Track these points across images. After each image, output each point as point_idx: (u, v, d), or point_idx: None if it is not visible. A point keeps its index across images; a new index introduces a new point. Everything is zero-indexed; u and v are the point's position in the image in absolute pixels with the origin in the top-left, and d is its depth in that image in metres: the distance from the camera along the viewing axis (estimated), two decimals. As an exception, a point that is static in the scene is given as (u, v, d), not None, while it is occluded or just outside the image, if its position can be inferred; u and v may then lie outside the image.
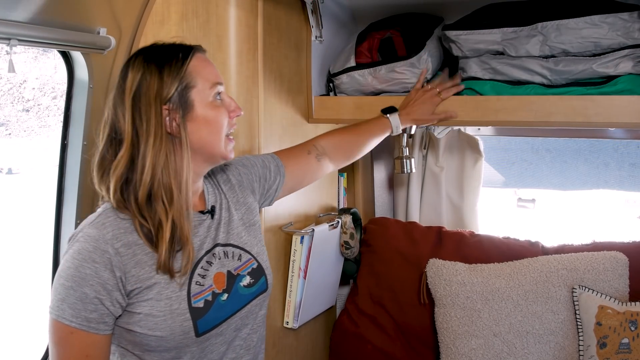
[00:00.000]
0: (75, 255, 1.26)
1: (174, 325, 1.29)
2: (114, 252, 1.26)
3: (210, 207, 1.45)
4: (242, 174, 1.58)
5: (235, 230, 1.47)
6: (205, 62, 1.37)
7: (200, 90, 1.33)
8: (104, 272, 1.25)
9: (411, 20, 2.07)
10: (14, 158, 6.74)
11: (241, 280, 1.43)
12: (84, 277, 1.24)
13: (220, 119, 1.36)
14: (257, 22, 1.82)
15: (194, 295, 1.32)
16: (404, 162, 2.39)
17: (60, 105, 4.22)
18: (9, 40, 1.44)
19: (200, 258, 1.38)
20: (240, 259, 1.45)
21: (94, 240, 1.26)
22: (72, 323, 1.24)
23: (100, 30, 1.70)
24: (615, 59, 1.72)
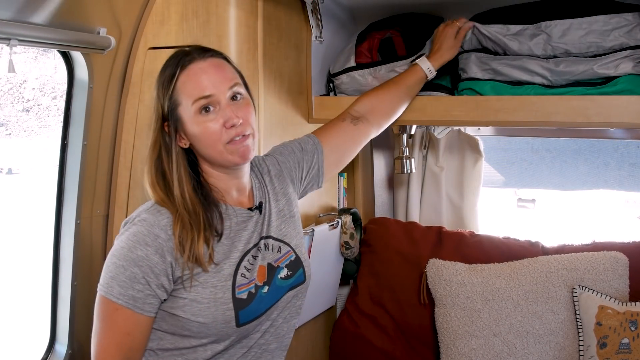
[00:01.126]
0: (130, 237, 1.32)
1: (217, 313, 1.33)
2: (166, 238, 1.31)
3: (257, 203, 1.49)
4: (280, 162, 1.60)
5: (275, 222, 1.51)
6: (192, 76, 1.36)
7: (185, 107, 1.36)
8: (154, 255, 1.30)
9: (411, 20, 2.07)
10: (14, 158, 6.74)
11: (279, 272, 1.46)
12: (135, 258, 1.30)
13: (208, 132, 1.36)
14: (257, 22, 1.82)
15: (239, 286, 1.37)
16: (404, 162, 2.39)
17: (60, 105, 4.21)
18: (9, 40, 1.44)
19: (248, 251, 1.42)
20: (280, 251, 1.48)
21: (149, 224, 1.32)
22: (119, 300, 1.29)
23: (100, 30, 1.70)
24: (615, 59, 1.72)
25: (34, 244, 5.08)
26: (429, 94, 1.94)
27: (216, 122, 1.35)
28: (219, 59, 1.40)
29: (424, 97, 1.93)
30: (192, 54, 1.38)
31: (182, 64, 1.36)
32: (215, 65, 1.38)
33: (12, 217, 6.23)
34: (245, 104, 1.40)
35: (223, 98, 1.36)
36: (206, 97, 1.35)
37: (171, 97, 1.36)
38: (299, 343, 2.08)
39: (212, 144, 1.37)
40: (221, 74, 1.38)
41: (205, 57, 1.38)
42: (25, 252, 5.39)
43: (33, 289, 4.75)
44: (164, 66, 1.40)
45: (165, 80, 1.37)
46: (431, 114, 1.92)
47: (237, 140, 1.37)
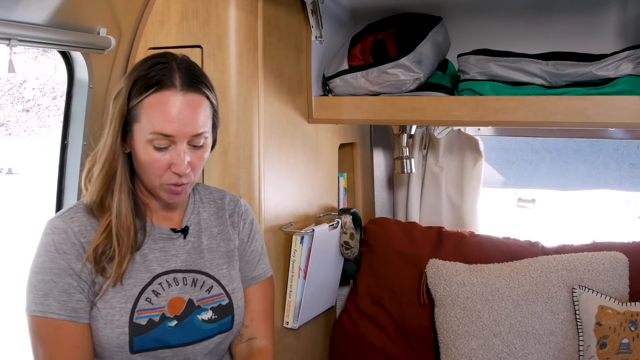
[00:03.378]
0: (47, 247, 1.27)
1: (112, 335, 1.27)
2: (79, 245, 1.28)
3: (184, 226, 1.42)
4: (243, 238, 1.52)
5: (216, 261, 1.44)
6: (165, 105, 1.25)
7: (142, 128, 1.27)
8: (76, 263, 1.27)
9: (409, 21, 2.07)
10: (14, 158, 6.74)
11: (200, 313, 1.36)
12: (61, 267, 1.26)
13: (152, 165, 1.28)
14: (257, 22, 1.82)
15: (139, 310, 1.30)
16: (404, 162, 2.40)
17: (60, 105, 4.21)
18: (9, 40, 1.44)
19: (160, 275, 1.35)
20: (210, 292, 1.40)
21: (63, 231, 1.28)
22: (61, 316, 1.24)
23: (100, 31, 1.70)
24: (615, 61, 1.73)
25: (34, 244, 5.09)
26: (429, 94, 1.94)
27: (164, 159, 1.28)
28: (200, 96, 1.29)
29: (423, 97, 1.93)
30: (175, 78, 1.27)
31: (161, 83, 1.26)
32: (191, 105, 1.27)
33: (12, 217, 6.23)
34: (203, 151, 1.32)
35: (182, 142, 1.27)
36: (166, 136, 1.26)
37: (135, 107, 1.27)
38: (299, 343, 2.08)
39: (150, 175, 1.30)
40: (193, 117, 1.27)
41: (186, 91, 1.27)
42: (25, 252, 5.39)
43: (33, 289, 4.74)
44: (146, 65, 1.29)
45: (140, 86, 1.27)
46: (431, 114, 1.92)
47: (174, 187, 1.31)
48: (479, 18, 2.11)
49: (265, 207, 1.86)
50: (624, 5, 1.93)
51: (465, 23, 2.12)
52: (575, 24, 2.02)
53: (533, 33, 2.07)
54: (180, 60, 1.32)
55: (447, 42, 2.05)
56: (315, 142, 2.13)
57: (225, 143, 1.79)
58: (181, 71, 1.29)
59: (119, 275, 1.29)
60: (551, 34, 2.05)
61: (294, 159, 2.01)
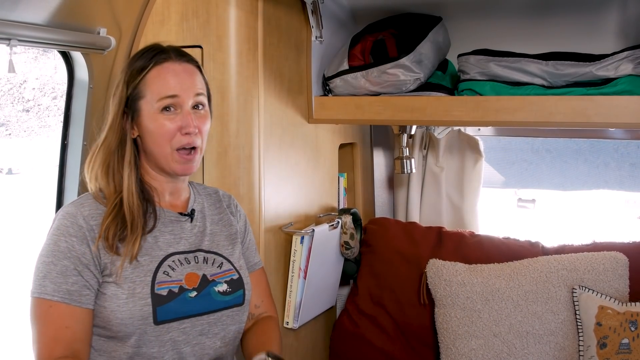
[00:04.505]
0: (54, 231, 1.34)
1: (135, 309, 1.31)
2: (88, 228, 1.33)
3: (190, 210, 1.50)
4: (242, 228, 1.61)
5: (222, 243, 1.52)
6: (165, 74, 1.39)
7: (148, 101, 1.38)
8: (80, 245, 1.31)
9: (409, 21, 2.07)
10: (14, 158, 6.75)
11: (216, 285, 1.43)
12: (62, 250, 1.31)
13: (162, 131, 1.38)
14: (257, 22, 1.82)
15: (159, 282, 1.35)
16: (404, 162, 2.40)
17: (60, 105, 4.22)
18: (9, 41, 1.44)
19: (172, 254, 1.41)
20: (221, 267, 1.47)
21: (72, 216, 1.34)
22: (54, 297, 1.29)
23: (100, 31, 1.70)
24: (615, 61, 1.73)
25: (34, 244, 5.09)
26: (429, 94, 1.94)
27: (173, 123, 1.38)
28: (192, 66, 1.44)
29: (423, 97, 1.93)
30: (169, 52, 1.41)
31: (157, 60, 1.39)
32: (187, 71, 1.41)
33: (12, 217, 6.23)
34: (205, 115, 1.44)
35: (186, 103, 1.39)
36: (171, 96, 1.38)
37: (136, 88, 1.38)
38: (299, 343, 2.08)
39: (162, 144, 1.39)
40: (191, 80, 1.41)
41: (181, 60, 1.42)
42: (25, 253, 5.39)
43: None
44: (137, 56, 1.42)
45: (135, 69, 1.39)
46: (431, 114, 1.92)
47: (185, 154, 1.40)
48: (479, 18, 2.11)
49: (265, 207, 1.86)
50: (624, 5, 1.93)
51: (465, 23, 2.12)
52: (575, 24, 2.02)
53: (533, 33, 2.07)
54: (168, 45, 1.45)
55: (447, 42, 2.05)
56: (315, 142, 2.13)
57: (225, 143, 1.79)
58: (172, 49, 1.43)
59: (133, 253, 1.34)
60: (551, 34, 2.05)
61: (294, 159, 2.01)
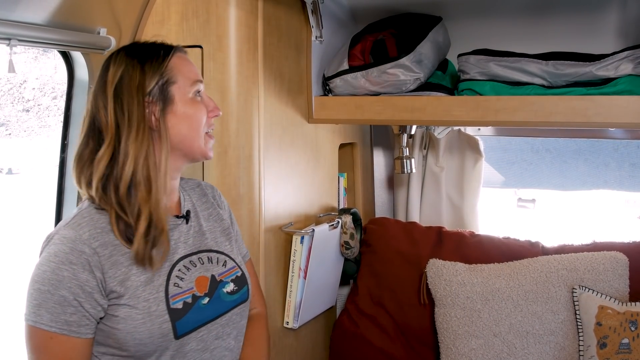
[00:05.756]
0: (51, 257, 1.23)
1: (153, 327, 1.27)
2: (91, 252, 1.24)
3: (185, 212, 1.45)
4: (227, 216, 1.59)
5: (219, 239, 1.50)
6: (185, 61, 1.40)
7: (181, 86, 1.35)
8: (82, 273, 1.23)
9: (409, 21, 2.07)
10: (14, 158, 6.75)
11: (224, 286, 1.42)
12: (61, 279, 1.22)
13: (199, 115, 1.38)
14: (257, 22, 1.82)
15: (172, 296, 1.31)
16: (404, 162, 2.40)
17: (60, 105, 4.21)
18: (9, 40, 1.44)
19: (177, 261, 1.37)
20: (225, 265, 1.46)
21: (71, 241, 1.24)
22: (52, 328, 1.22)
23: (100, 31, 1.70)
24: (615, 61, 1.73)
25: (34, 244, 5.08)
26: (429, 94, 1.94)
27: (203, 107, 1.39)
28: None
29: (423, 97, 1.93)
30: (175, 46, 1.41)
31: (171, 50, 1.38)
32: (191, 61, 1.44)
33: (12, 217, 6.22)
34: None
35: (203, 87, 1.42)
36: (200, 81, 1.40)
37: (163, 74, 1.33)
38: (299, 343, 2.08)
39: (196, 127, 1.37)
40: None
41: (186, 52, 1.43)
42: (25, 253, 5.39)
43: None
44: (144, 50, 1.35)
45: (153, 59, 1.34)
46: (431, 114, 1.92)
47: (210, 135, 1.42)
48: (479, 18, 2.11)
49: (265, 207, 1.86)
50: (624, 5, 1.93)
51: (465, 23, 2.12)
52: (575, 24, 2.02)
53: (533, 33, 2.07)
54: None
55: (447, 42, 2.05)
56: (315, 142, 2.13)
57: (225, 143, 1.79)
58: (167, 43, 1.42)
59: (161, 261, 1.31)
60: (551, 34, 2.05)
61: (294, 159, 2.01)
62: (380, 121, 2.10)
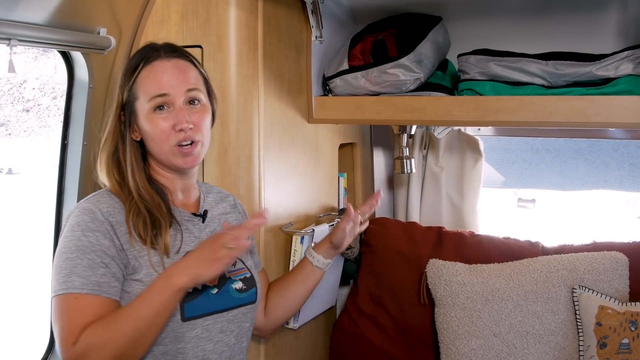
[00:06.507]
0: (74, 228, 1.31)
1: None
2: (108, 224, 1.32)
3: (202, 211, 1.51)
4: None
5: None
6: (154, 73, 1.38)
7: (141, 102, 1.39)
8: (104, 240, 1.30)
9: (409, 21, 2.07)
10: (14, 158, 6.75)
11: (233, 283, 1.47)
12: (87, 245, 1.28)
13: (158, 130, 1.38)
14: (257, 22, 1.82)
15: None
16: (404, 162, 2.40)
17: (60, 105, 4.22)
18: (9, 40, 1.44)
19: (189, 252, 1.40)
20: (235, 266, 1.50)
21: (91, 212, 1.32)
22: (83, 290, 1.26)
23: (100, 31, 1.70)
24: (615, 61, 1.73)
25: (33, 244, 5.08)
26: (429, 94, 1.94)
27: (166, 121, 1.38)
28: (184, 61, 1.42)
29: (424, 97, 1.93)
30: (159, 50, 1.41)
31: (147, 59, 1.39)
32: (177, 67, 1.40)
33: (12, 217, 6.23)
34: (201, 110, 1.42)
35: (178, 100, 1.38)
36: (162, 95, 1.37)
37: (130, 89, 1.39)
38: (299, 343, 2.08)
39: (160, 142, 1.39)
40: (182, 76, 1.39)
41: (170, 57, 1.40)
42: (25, 253, 5.40)
43: (33, 290, 4.75)
44: (131, 57, 1.44)
45: (128, 71, 1.40)
46: (431, 114, 1.92)
47: (185, 148, 1.39)
48: (479, 18, 2.11)
49: (265, 207, 1.86)
50: (624, 5, 1.93)
51: (465, 23, 2.12)
52: (575, 24, 2.02)
53: (533, 33, 2.07)
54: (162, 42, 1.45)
55: (447, 42, 2.05)
56: (315, 142, 2.13)
57: (225, 143, 1.79)
58: (163, 46, 1.43)
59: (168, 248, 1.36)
60: (551, 34, 2.05)
61: (294, 159, 2.01)
62: (380, 121, 2.10)
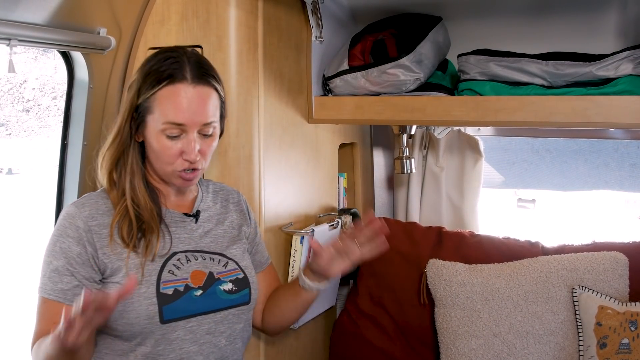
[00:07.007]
0: (54, 231, 1.37)
1: (140, 308, 1.32)
2: (85, 228, 1.34)
3: (195, 211, 1.51)
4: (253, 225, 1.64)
5: (225, 244, 1.52)
6: (176, 97, 1.34)
7: (155, 119, 1.37)
8: (75, 246, 1.33)
9: (409, 21, 2.07)
10: (14, 158, 6.75)
11: (221, 284, 1.44)
12: (58, 250, 1.33)
13: (165, 153, 1.38)
14: (257, 22, 1.82)
15: (164, 282, 1.37)
16: (404, 162, 2.39)
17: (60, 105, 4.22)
18: (9, 40, 1.44)
19: (177, 253, 1.42)
20: (226, 267, 1.48)
21: (71, 217, 1.36)
22: (50, 296, 1.32)
23: (100, 31, 1.70)
24: (615, 61, 1.73)
25: (33, 245, 5.09)
26: (429, 94, 1.94)
27: (176, 147, 1.37)
28: (209, 88, 1.38)
29: (424, 97, 1.93)
30: (187, 71, 1.35)
31: (173, 77, 1.35)
32: (200, 97, 1.36)
33: (12, 217, 6.23)
34: (212, 140, 1.42)
35: (192, 130, 1.36)
36: (178, 125, 1.35)
37: (148, 99, 1.36)
38: (299, 343, 2.08)
39: (163, 163, 1.40)
40: (202, 108, 1.36)
41: (196, 84, 1.36)
42: (25, 253, 5.40)
43: (32, 290, 4.75)
44: (155, 62, 1.38)
45: (150, 81, 1.36)
46: (431, 114, 1.92)
47: (186, 174, 1.40)
48: (479, 18, 2.11)
49: (265, 207, 1.86)
50: (624, 5, 1.93)
51: (465, 23, 2.12)
52: (575, 24, 2.02)
53: (533, 33, 2.07)
54: (190, 54, 1.40)
55: (447, 42, 2.05)
56: (315, 142, 2.13)
57: (225, 143, 1.79)
58: (191, 64, 1.37)
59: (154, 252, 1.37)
60: (551, 34, 2.05)
61: (294, 159, 2.01)
62: (380, 121, 2.10)
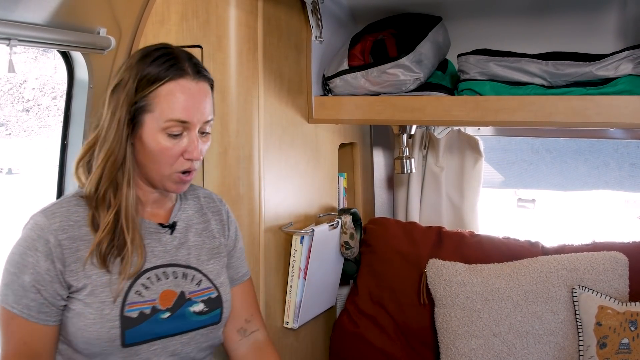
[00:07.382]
0: (21, 242, 1.29)
1: (102, 330, 1.26)
2: (55, 243, 1.26)
3: (171, 222, 1.42)
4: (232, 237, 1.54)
5: (202, 257, 1.44)
6: (180, 93, 1.28)
7: (155, 117, 1.28)
8: (44, 262, 1.26)
9: (408, 21, 2.07)
10: (14, 158, 6.74)
11: (192, 305, 1.37)
12: (25, 264, 1.26)
13: (165, 154, 1.30)
14: (257, 22, 1.82)
15: (130, 304, 1.29)
16: (404, 162, 2.40)
17: (60, 105, 4.21)
18: (9, 40, 1.44)
19: (148, 270, 1.34)
20: (199, 285, 1.40)
21: (40, 228, 1.27)
22: (14, 309, 1.26)
23: (100, 31, 1.70)
24: (615, 61, 1.73)
25: (34, 244, 5.07)
26: (429, 94, 1.94)
27: (178, 146, 1.30)
28: (207, 85, 1.34)
29: (424, 97, 1.93)
30: (187, 67, 1.30)
31: (173, 74, 1.28)
32: (203, 93, 1.32)
33: (12, 217, 6.21)
34: (208, 139, 1.36)
35: (195, 127, 1.31)
36: (182, 122, 1.29)
37: (145, 98, 1.28)
38: (299, 343, 2.08)
39: (162, 165, 1.31)
40: (204, 104, 1.32)
41: (198, 79, 1.31)
42: (25, 252, 5.38)
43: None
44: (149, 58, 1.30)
45: (147, 78, 1.28)
46: (431, 114, 1.92)
47: (185, 176, 1.34)
48: (479, 18, 2.11)
49: (265, 207, 1.86)
50: (624, 5, 1.93)
51: (465, 23, 2.12)
52: (575, 24, 2.02)
53: (533, 33, 2.07)
54: (179, 49, 1.35)
55: (447, 42, 2.05)
56: (315, 142, 2.13)
57: (225, 143, 1.79)
58: (188, 61, 1.32)
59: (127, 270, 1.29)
60: (551, 34, 2.05)
61: (294, 159, 2.01)
62: (380, 121, 2.10)
